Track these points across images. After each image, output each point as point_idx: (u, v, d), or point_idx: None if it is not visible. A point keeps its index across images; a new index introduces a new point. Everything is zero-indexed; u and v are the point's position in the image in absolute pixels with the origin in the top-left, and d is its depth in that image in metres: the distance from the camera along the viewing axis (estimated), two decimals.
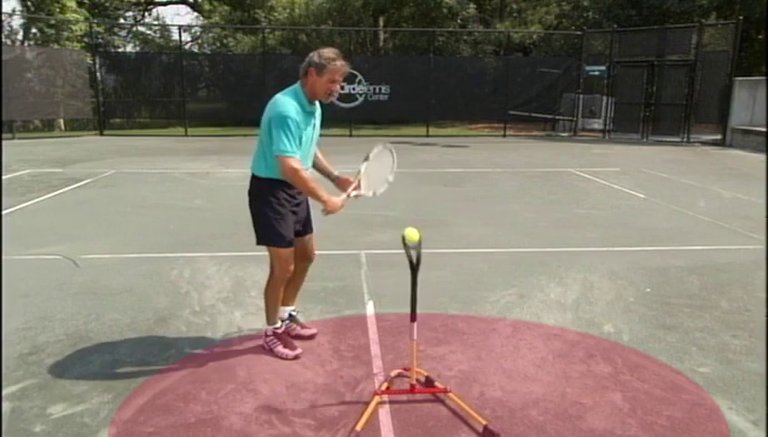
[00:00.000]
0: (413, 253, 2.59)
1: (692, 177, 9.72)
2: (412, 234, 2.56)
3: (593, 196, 8.05)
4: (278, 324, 3.22)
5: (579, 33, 18.89)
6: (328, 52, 2.90)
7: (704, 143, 15.31)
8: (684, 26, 16.94)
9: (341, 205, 2.94)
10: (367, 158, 3.08)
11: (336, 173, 3.18)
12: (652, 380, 2.98)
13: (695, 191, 8.40)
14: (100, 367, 3.08)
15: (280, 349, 3.16)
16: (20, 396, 2.78)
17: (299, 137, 2.86)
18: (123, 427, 2.54)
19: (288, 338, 3.23)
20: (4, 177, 9.17)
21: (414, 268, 2.61)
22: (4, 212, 6.68)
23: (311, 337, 3.38)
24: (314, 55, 2.89)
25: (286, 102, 2.85)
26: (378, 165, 3.13)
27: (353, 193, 3.02)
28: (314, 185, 2.90)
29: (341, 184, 3.12)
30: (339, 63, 2.87)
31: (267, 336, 3.22)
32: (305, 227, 3.19)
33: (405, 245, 2.59)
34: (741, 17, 14.98)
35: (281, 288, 3.16)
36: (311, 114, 2.97)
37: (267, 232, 3.00)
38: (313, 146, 3.07)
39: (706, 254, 5.21)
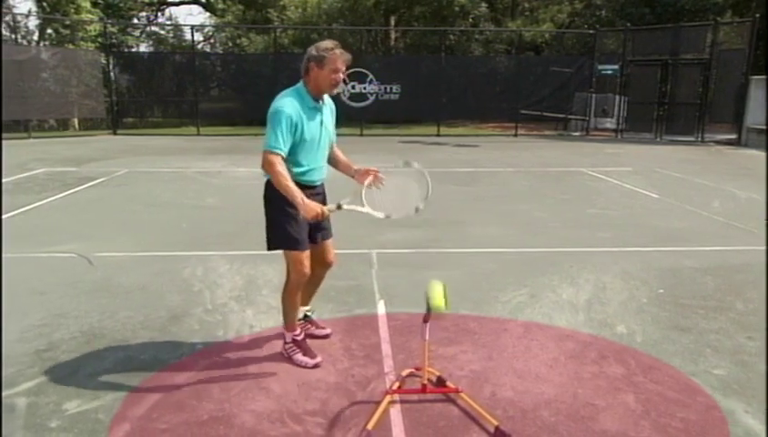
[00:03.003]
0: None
1: (706, 176, 9.61)
2: (439, 303, 2.54)
3: (606, 195, 7.99)
4: (298, 331, 3.18)
5: (591, 32, 18.75)
6: (325, 43, 2.89)
7: (719, 143, 15.14)
8: (699, 24, 16.76)
9: (320, 212, 2.75)
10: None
11: (355, 167, 3.08)
12: (666, 381, 2.95)
13: (709, 191, 8.31)
14: (114, 364, 3.11)
15: (300, 357, 3.11)
16: (36, 392, 2.82)
17: (294, 134, 2.81)
18: (137, 423, 2.56)
19: (307, 345, 3.18)
20: (21, 175, 9.30)
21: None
22: (20, 210, 6.78)
23: (325, 337, 3.38)
24: (312, 50, 2.88)
25: (284, 100, 2.84)
26: (402, 185, 2.97)
27: (346, 206, 2.84)
28: (289, 186, 2.75)
29: (359, 177, 3.01)
30: (338, 51, 2.85)
31: (286, 343, 3.16)
32: (324, 233, 3.13)
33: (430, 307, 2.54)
34: (757, 15, 14.78)
35: (298, 293, 3.09)
36: (316, 109, 2.92)
37: (280, 236, 2.95)
38: (324, 143, 3.00)
39: (721, 255, 5.15)
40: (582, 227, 6.23)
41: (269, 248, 3.02)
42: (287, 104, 2.82)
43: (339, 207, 2.84)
